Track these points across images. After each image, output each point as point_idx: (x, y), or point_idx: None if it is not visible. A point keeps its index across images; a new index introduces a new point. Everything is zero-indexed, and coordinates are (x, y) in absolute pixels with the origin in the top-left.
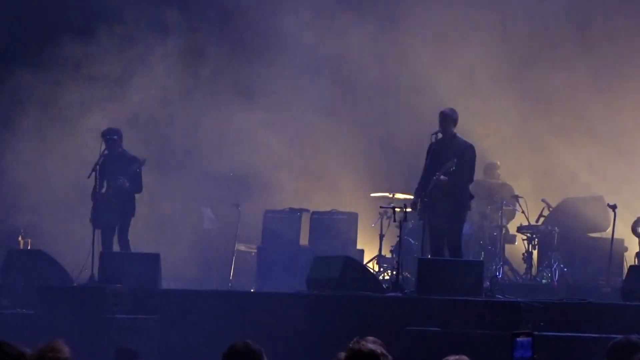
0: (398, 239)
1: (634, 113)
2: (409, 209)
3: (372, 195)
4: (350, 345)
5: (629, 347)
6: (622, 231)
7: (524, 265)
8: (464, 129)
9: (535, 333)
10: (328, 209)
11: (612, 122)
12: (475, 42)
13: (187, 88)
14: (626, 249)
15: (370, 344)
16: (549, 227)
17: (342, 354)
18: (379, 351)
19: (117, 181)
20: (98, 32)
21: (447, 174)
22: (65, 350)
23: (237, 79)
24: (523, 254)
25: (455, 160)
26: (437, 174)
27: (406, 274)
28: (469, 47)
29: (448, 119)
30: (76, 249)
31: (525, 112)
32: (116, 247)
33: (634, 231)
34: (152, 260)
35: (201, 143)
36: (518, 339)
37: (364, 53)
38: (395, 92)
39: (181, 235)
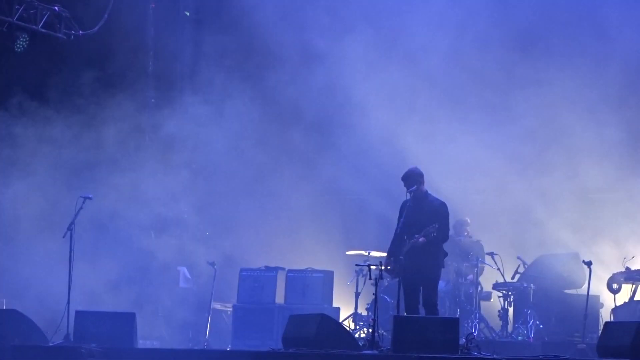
0: (374, 296)
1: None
2: (384, 267)
3: (347, 253)
4: None
5: None
6: (598, 288)
7: (500, 322)
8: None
9: None
10: (304, 267)
11: (586, 178)
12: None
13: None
14: (602, 306)
15: None
16: (525, 284)
17: None
18: None
19: None
20: None
21: (427, 236)
22: None
23: None
24: (499, 311)
25: (436, 225)
26: (417, 236)
27: (382, 331)
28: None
29: (412, 178)
30: (52, 308)
31: (501, 169)
32: None
33: (609, 287)
34: (128, 319)
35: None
36: None
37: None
38: (368, 149)
39: (157, 294)
